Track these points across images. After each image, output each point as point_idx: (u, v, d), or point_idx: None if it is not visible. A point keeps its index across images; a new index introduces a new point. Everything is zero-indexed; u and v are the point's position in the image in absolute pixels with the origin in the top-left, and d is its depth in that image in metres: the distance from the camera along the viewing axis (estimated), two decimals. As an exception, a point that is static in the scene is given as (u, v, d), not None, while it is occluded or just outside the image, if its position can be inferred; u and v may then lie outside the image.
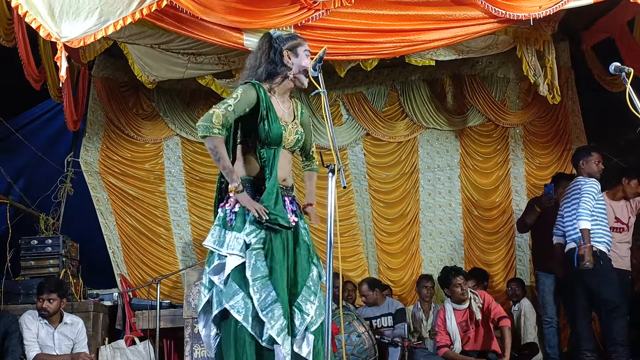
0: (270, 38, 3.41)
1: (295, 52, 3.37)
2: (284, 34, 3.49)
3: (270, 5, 4.83)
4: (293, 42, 3.41)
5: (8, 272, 5.93)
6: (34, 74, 5.40)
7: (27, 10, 4.16)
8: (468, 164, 7.42)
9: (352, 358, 5.34)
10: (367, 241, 7.41)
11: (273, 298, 3.09)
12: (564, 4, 5.00)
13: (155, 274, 6.63)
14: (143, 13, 4.31)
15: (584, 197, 5.18)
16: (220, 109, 3.19)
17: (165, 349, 6.16)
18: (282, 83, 3.39)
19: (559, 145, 7.26)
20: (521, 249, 7.23)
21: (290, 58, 3.36)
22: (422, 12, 5.15)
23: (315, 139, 7.20)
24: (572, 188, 5.47)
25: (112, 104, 6.97)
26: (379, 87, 7.48)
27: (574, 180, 5.51)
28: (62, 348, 5.26)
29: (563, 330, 6.29)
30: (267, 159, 3.26)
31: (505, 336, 5.43)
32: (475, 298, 5.59)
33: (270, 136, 3.25)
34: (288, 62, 3.36)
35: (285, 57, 3.35)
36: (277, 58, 3.36)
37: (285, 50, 3.36)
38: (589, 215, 5.12)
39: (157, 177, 7.18)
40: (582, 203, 5.16)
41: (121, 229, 6.98)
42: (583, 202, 5.15)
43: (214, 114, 3.17)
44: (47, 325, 5.24)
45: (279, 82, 3.38)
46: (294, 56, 3.37)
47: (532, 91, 7.03)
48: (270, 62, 3.36)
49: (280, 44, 3.38)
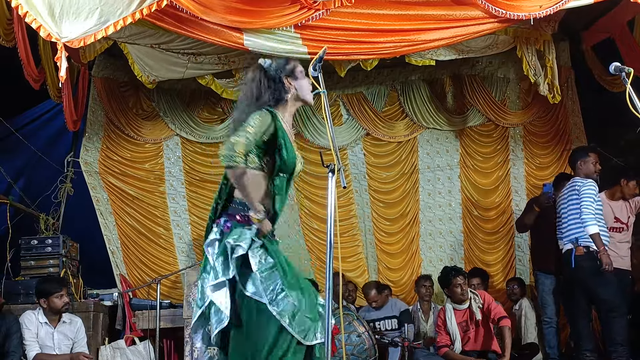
0: (263, 68, 3.36)
1: (294, 75, 3.35)
2: (275, 62, 3.42)
3: (271, 5, 4.83)
4: (288, 66, 3.36)
5: (8, 272, 5.93)
6: (33, 74, 5.40)
7: (27, 11, 4.16)
8: (468, 164, 7.41)
9: (352, 358, 5.34)
10: (367, 241, 7.41)
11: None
12: (564, 4, 4.99)
13: (155, 274, 6.63)
14: (143, 13, 4.31)
15: (585, 201, 5.18)
16: (242, 137, 3.07)
17: (165, 349, 6.17)
18: (289, 108, 3.36)
19: (559, 145, 7.25)
20: (521, 249, 7.23)
21: (291, 83, 3.33)
22: (422, 11, 5.15)
23: (315, 139, 7.25)
24: (568, 188, 5.47)
25: (112, 104, 6.97)
26: (379, 87, 7.47)
27: (571, 181, 5.51)
28: (62, 348, 5.26)
29: (563, 330, 6.30)
30: (280, 187, 3.22)
31: (505, 336, 5.43)
32: (475, 298, 5.59)
33: (287, 165, 3.20)
34: (290, 87, 3.33)
35: (287, 84, 3.32)
36: (279, 86, 3.32)
37: (284, 77, 3.33)
38: (594, 219, 5.13)
39: (157, 177, 7.18)
40: (584, 208, 5.16)
41: (121, 229, 6.97)
42: (585, 206, 5.16)
43: (236, 143, 3.04)
44: (47, 325, 5.23)
45: (287, 107, 3.35)
46: (293, 80, 3.34)
47: (532, 91, 7.03)
48: (274, 90, 3.31)
49: (277, 72, 3.33)
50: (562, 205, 5.49)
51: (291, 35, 4.99)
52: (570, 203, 5.35)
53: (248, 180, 3.10)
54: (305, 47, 5.05)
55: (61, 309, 5.21)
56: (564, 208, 5.46)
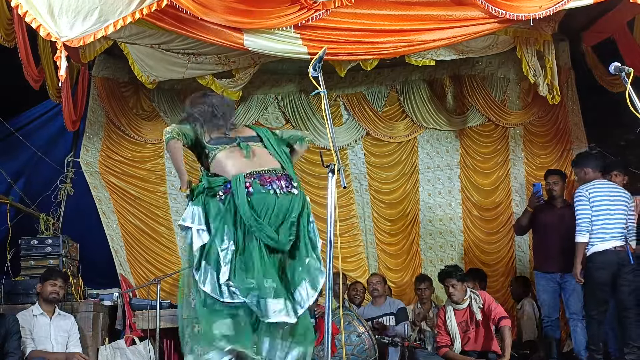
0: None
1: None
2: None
3: (271, 5, 4.82)
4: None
5: (8, 272, 5.93)
6: (33, 74, 5.41)
7: (27, 10, 4.15)
8: (468, 164, 7.42)
9: (352, 358, 5.33)
10: (367, 241, 7.41)
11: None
12: (564, 4, 4.99)
13: (159, 273, 6.66)
14: (143, 13, 4.31)
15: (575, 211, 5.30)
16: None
17: (165, 349, 6.15)
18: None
19: (559, 145, 7.25)
20: (521, 249, 7.23)
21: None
22: (422, 12, 5.15)
23: (315, 139, 7.25)
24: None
25: (113, 104, 6.97)
26: (379, 87, 7.48)
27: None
28: (58, 339, 5.33)
29: (563, 330, 6.29)
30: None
31: (506, 336, 5.41)
32: (475, 298, 5.58)
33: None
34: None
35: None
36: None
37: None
38: (580, 227, 5.22)
39: (158, 177, 7.18)
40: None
41: (124, 227, 6.98)
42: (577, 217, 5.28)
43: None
44: (42, 316, 5.34)
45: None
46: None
47: (532, 91, 7.02)
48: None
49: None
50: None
51: (291, 35, 4.99)
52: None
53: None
54: (305, 47, 5.05)
55: (49, 296, 5.35)
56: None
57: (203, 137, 3.75)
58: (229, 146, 3.70)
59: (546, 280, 5.87)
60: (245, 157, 3.64)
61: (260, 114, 7.35)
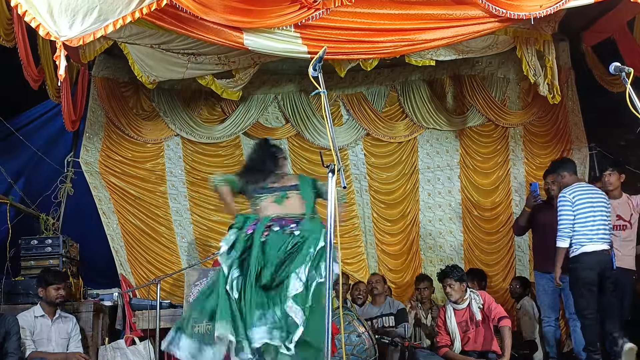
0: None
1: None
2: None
3: (271, 4, 4.82)
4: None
5: (8, 272, 5.93)
6: (33, 74, 5.40)
7: (26, 9, 4.14)
8: (468, 164, 7.42)
9: (352, 358, 5.33)
10: (367, 242, 7.41)
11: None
12: (564, 4, 4.98)
13: (159, 272, 6.66)
14: (143, 12, 4.30)
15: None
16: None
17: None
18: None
19: (559, 145, 7.26)
20: (521, 249, 7.23)
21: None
22: (423, 11, 5.14)
23: (315, 139, 7.26)
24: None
25: (113, 104, 6.96)
26: (379, 87, 7.48)
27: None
28: (59, 341, 5.33)
29: (563, 330, 6.29)
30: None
31: (505, 336, 5.41)
32: (475, 298, 5.58)
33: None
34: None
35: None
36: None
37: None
38: (561, 232, 5.24)
39: (158, 177, 7.18)
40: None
41: (124, 227, 6.97)
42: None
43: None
44: (43, 318, 5.33)
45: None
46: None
47: (532, 91, 7.03)
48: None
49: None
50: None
51: (291, 34, 4.98)
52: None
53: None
54: (305, 46, 5.04)
55: (55, 300, 5.36)
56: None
57: (247, 188, 4.35)
58: (271, 195, 4.26)
59: (546, 280, 5.85)
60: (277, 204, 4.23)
61: (260, 114, 7.35)
